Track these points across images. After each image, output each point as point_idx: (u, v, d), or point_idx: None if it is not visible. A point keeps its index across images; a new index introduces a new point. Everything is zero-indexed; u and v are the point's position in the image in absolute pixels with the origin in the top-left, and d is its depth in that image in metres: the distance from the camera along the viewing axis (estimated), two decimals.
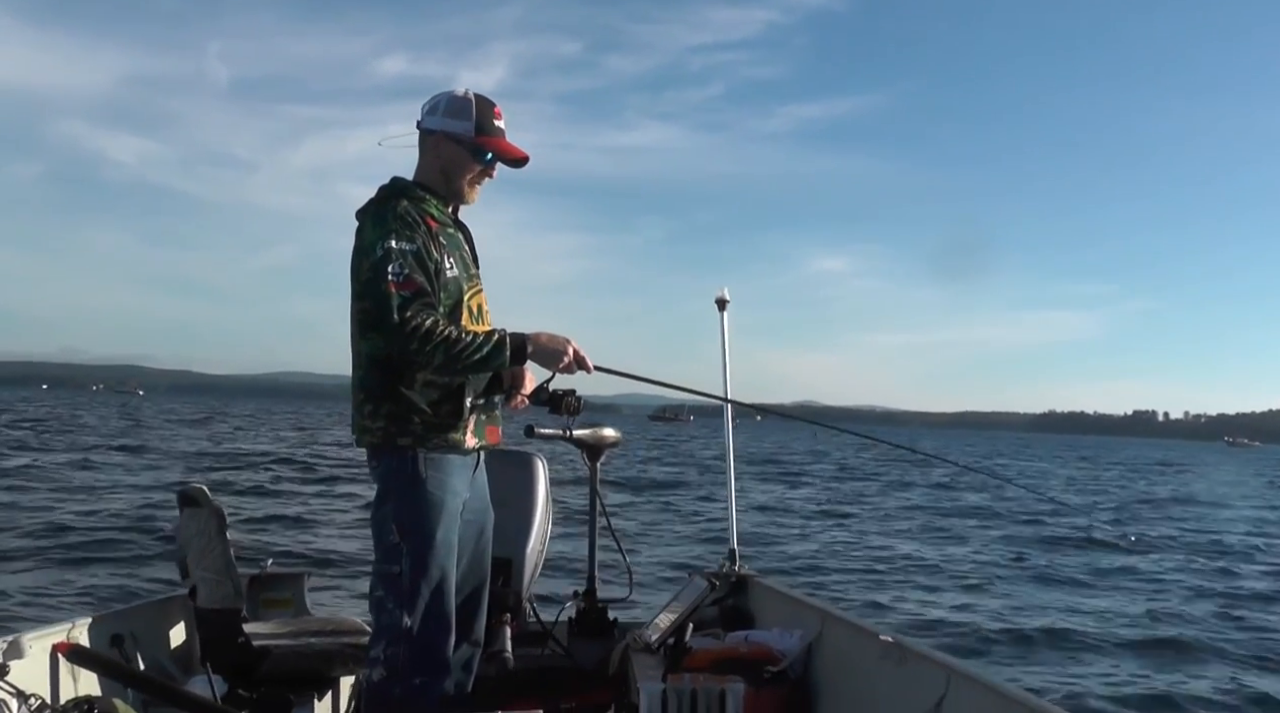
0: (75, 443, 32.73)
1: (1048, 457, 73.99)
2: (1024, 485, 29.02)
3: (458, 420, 2.98)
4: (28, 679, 2.90)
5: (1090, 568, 14.81)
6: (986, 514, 22.51)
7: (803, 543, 16.29)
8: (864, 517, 21.21)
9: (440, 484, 2.97)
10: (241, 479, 21.69)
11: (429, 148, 3.08)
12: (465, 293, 3.03)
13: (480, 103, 3.05)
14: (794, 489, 28.24)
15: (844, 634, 3.60)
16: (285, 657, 3.63)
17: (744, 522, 16.47)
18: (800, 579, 11.90)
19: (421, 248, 2.91)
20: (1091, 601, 12.16)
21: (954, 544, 17.17)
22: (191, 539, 3.69)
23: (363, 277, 2.89)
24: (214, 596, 3.67)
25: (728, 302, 4.68)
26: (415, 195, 3.02)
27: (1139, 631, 10.45)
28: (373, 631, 3.05)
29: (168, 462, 26.24)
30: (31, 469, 22.05)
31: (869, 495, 27.34)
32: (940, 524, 20.24)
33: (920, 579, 13.19)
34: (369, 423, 2.97)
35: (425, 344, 2.81)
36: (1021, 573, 14.29)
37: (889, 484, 31.72)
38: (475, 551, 3.21)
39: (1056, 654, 9.27)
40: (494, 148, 3.06)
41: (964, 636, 9.66)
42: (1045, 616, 10.98)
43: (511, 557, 3.92)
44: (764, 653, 3.69)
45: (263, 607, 4.15)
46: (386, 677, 2.97)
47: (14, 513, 14.68)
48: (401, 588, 2.94)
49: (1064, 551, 16.75)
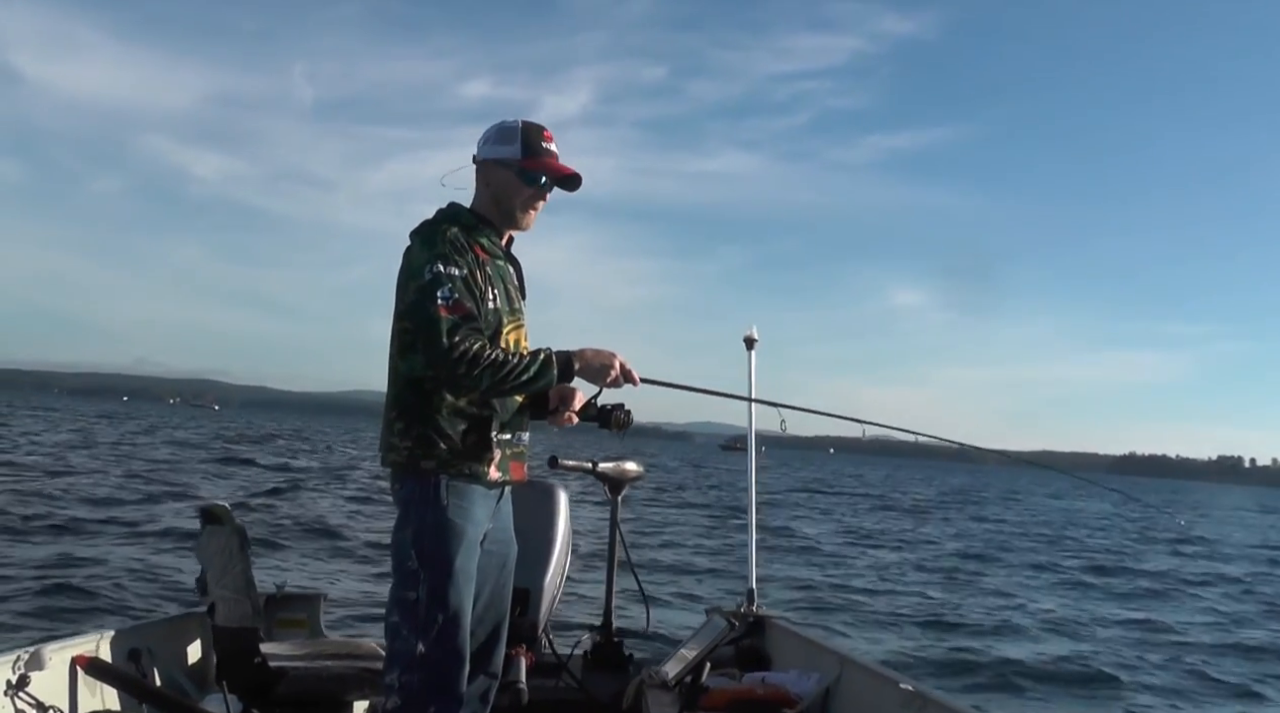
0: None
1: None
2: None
3: (483, 452, 2.97)
4: (47, 691, 2.94)
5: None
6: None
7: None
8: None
9: (462, 513, 2.96)
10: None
11: (481, 177, 3.09)
12: (505, 326, 3.03)
13: (528, 127, 3.07)
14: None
15: (863, 680, 3.55)
16: (301, 678, 3.63)
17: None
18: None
19: (469, 275, 2.91)
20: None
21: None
22: (213, 557, 3.73)
23: (409, 298, 2.89)
24: (232, 614, 3.70)
25: (756, 341, 4.65)
26: (468, 222, 3.04)
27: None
28: (386, 656, 3.02)
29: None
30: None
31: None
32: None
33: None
34: (397, 441, 2.97)
35: (473, 368, 2.80)
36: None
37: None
38: (497, 583, 3.18)
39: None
40: (542, 168, 3.06)
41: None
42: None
43: (529, 587, 3.91)
44: (781, 695, 3.64)
45: (278, 627, 4.16)
46: (401, 705, 2.94)
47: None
48: (417, 615, 2.92)
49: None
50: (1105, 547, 25.41)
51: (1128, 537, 30.29)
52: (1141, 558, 22.96)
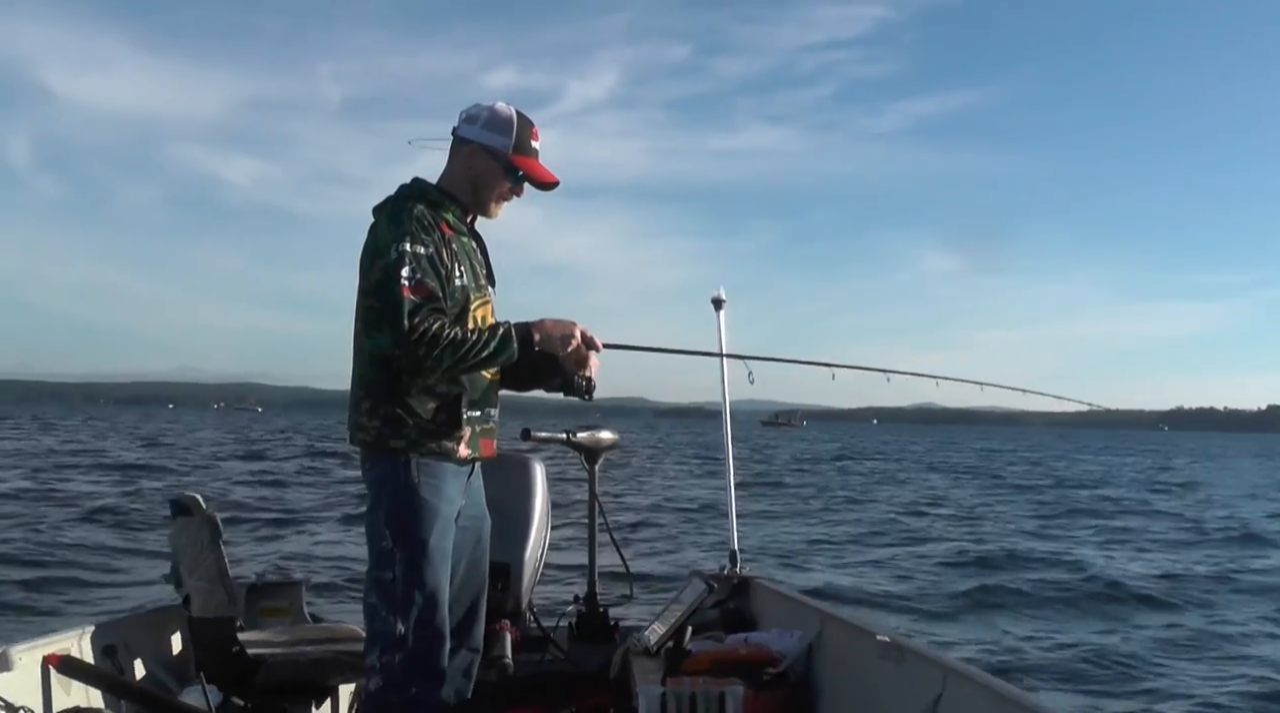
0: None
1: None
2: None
3: (452, 430, 2.96)
4: (17, 692, 2.91)
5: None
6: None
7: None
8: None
9: (434, 490, 2.94)
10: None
11: (462, 156, 3.07)
12: (472, 303, 3.01)
13: (521, 121, 3.05)
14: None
15: (843, 634, 3.56)
16: (280, 666, 3.61)
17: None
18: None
19: (435, 253, 2.89)
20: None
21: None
22: (185, 549, 3.70)
23: (374, 276, 2.87)
24: (208, 605, 3.67)
25: (724, 301, 4.63)
26: (434, 199, 3.01)
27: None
28: (366, 637, 3.02)
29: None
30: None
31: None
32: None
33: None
34: (365, 421, 2.95)
35: (433, 349, 2.79)
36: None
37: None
38: (472, 558, 3.19)
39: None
40: (527, 168, 3.07)
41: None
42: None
43: (510, 562, 3.88)
44: (763, 655, 3.63)
45: (260, 615, 4.13)
46: (383, 686, 2.94)
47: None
48: (395, 595, 2.91)
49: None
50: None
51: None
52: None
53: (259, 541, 13.61)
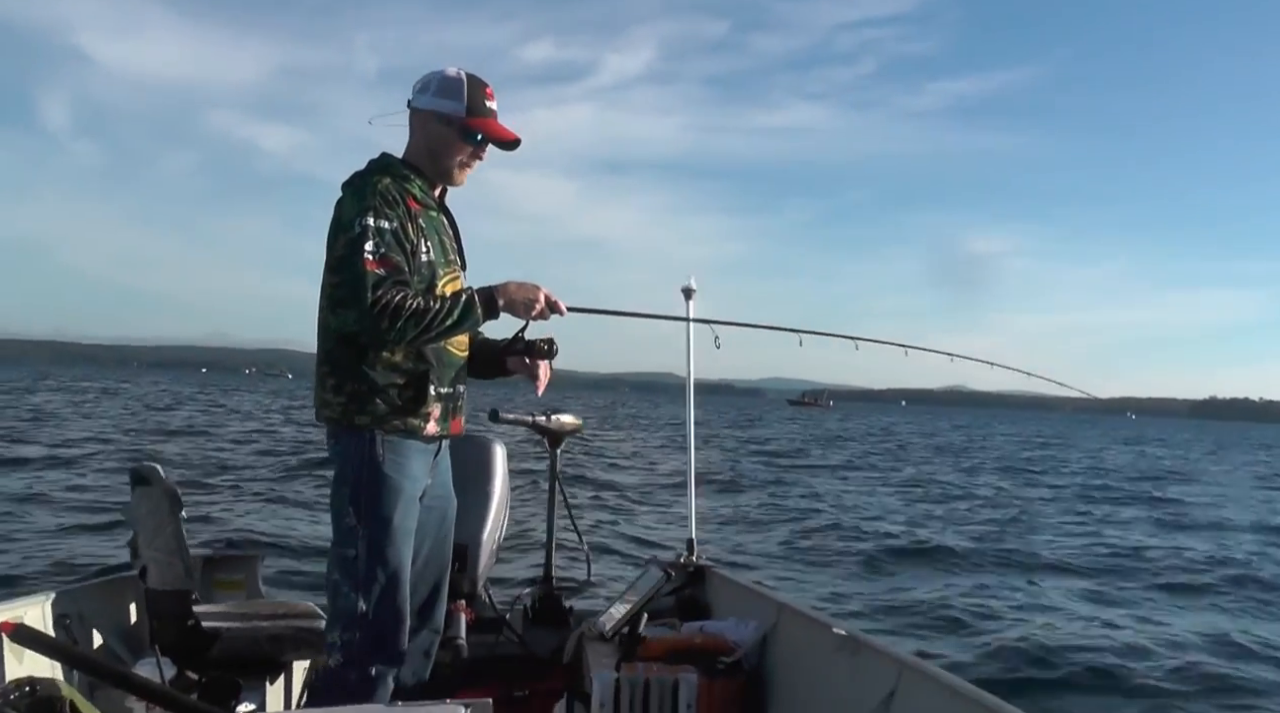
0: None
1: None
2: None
3: (419, 407, 2.96)
4: None
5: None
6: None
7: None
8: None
9: (398, 468, 2.94)
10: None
11: (418, 126, 3.05)
12: (441, 278, 3.00)
13: (472, 83, 3.02)
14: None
15: (799, 626, 3.59)
16: (235, 640, 3.60)
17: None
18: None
19: (399, 227, 2.88)
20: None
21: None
22: (143, 519, 3.67)
23: (338, 251, 2.85)
24: (164, 577, 3.65)
25: (694, 291, 4.62)
26: (399, 173, 2.99)
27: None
28: (328, 615, 3.01)
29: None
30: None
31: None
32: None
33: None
34: (330, 397, 2.95)
35: (395, 320, 2.78)
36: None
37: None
38: (437, 538, 3.19)
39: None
40: (484, 129, 3.03)
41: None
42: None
43: (467, 543, 3.88)
44: (719, 644, 3.67)
45: (214, 588, 4.11)
46: (343, 663, 2.94)
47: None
48: (357, 572, 2.92)
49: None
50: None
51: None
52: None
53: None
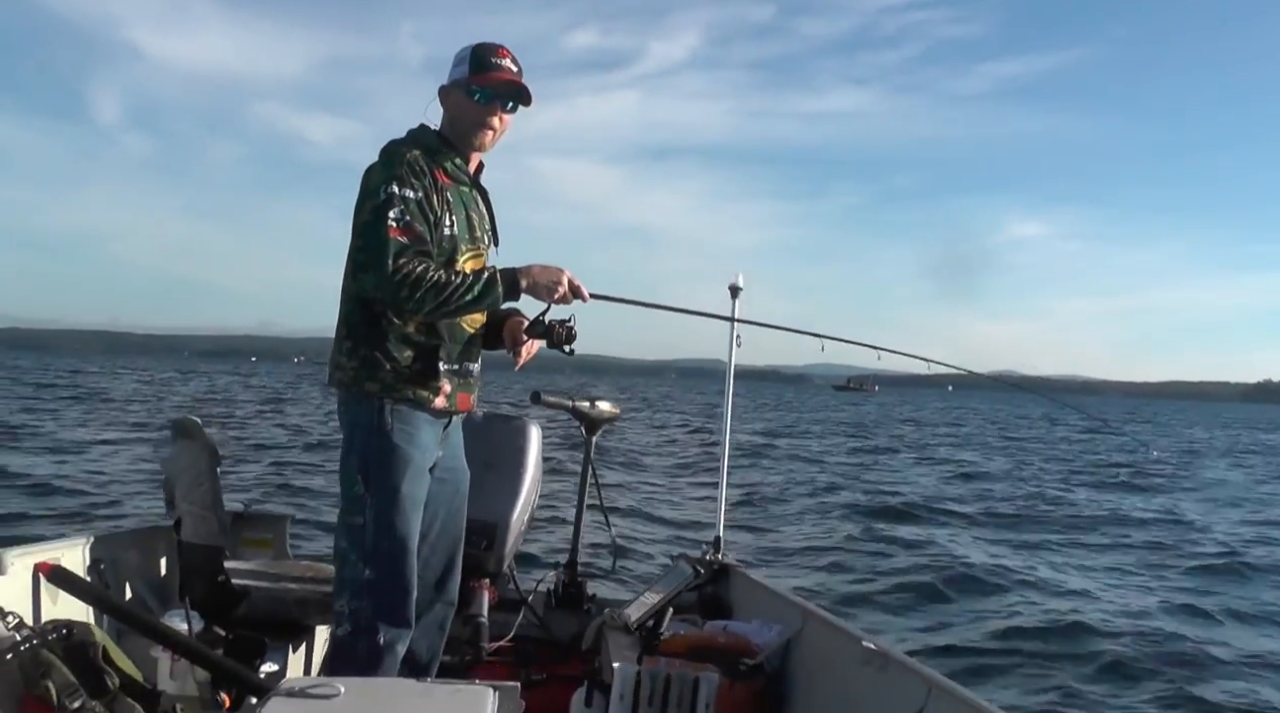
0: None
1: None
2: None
3: (428, 379, 2.95)
4: (8, 597, 2.93)
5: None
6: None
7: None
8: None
9: (407, 437, 2.93)
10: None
11: (443, 102, 3.08)
12: (461, 255, 2.99)
13: (480, 46, 3.04)
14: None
15: (825, 634, 3.56)
16: (263, 600, 3.62)
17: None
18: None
19: (424, 198, 2.88)
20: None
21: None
22: (182, 472, 3.70)
23: (363, 216, 2.87)
24: (198, 531, 3.68)
25: (741, 289, 4.58)
26: (432, 146, 3.00)
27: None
28: (335, 583, 3.01)
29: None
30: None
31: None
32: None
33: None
34: (344, 360, 2.95)
35: (415, 290, 2.78)
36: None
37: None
38: (449, 511, 3.18)
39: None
40: (484, 81, 3.00)
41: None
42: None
43: (496, 522, 3.90)
44: (741, 645, 3.65)
45: (242, 545, 4.14)
46: (351, 632, 2.93)
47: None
48: (364, 541, 2.91)
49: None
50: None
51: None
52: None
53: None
